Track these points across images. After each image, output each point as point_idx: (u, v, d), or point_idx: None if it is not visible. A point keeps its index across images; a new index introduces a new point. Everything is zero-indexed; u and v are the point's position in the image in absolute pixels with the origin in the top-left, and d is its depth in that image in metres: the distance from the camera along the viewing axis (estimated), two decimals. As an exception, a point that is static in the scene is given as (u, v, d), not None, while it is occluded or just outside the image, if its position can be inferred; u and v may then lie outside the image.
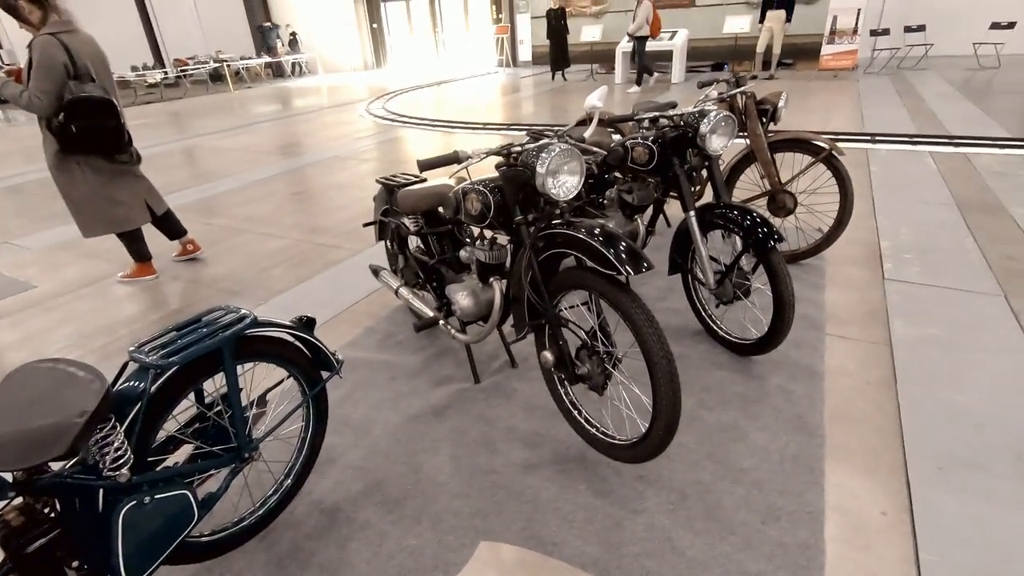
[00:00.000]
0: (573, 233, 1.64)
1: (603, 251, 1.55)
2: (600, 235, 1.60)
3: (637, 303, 1.56)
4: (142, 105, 14.42)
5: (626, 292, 1.58)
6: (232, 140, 8.43)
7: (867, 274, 3.10)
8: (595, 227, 1.64)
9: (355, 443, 2.07)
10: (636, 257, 1.54)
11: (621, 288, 1.59)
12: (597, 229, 1.63)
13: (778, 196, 3.15)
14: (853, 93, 8.75)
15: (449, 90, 12.73)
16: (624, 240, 1.59)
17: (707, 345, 2.55)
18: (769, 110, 3.07)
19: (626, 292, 1.58)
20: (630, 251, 1.56)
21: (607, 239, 1.58)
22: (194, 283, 3.56)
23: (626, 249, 1.56)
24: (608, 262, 1.54)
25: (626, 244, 1.57)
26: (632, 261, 1.53)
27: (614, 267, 1.53)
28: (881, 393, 2.18)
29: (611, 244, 1.56)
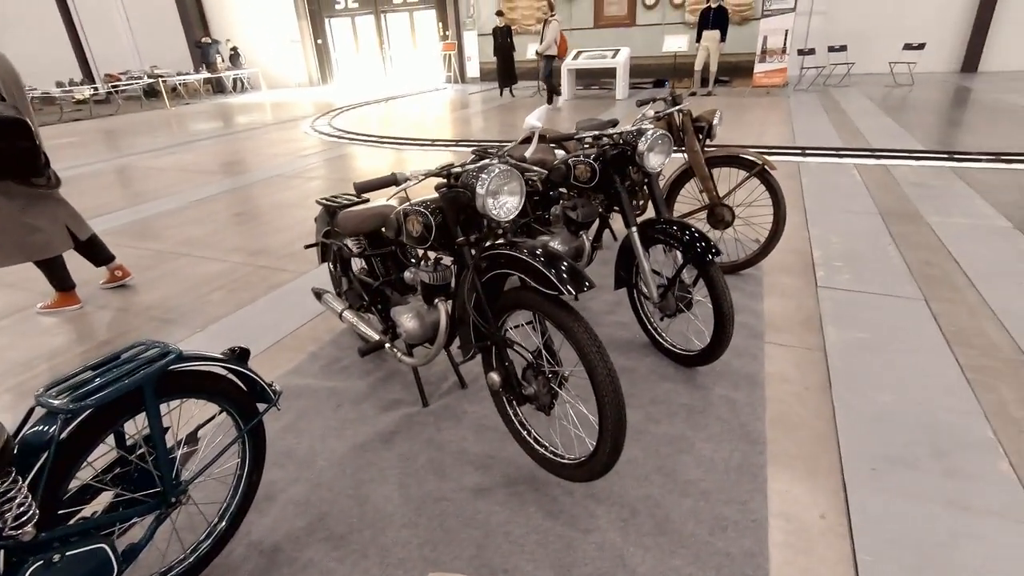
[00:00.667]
0: (515, 254, 1.64)
1: (544, 272, 1.55)
2: (542, 256, 1.60)
3: (579, 322, 1.57)
4: (69, 123, 13.66)
5: (568, 311, 1.58)
6: (168, 159, 8.08)
7: (802, 283, 3.24)
8: (537, 247, 1.64)
9: (298, 476, 1.98)
10: (578, 277, 1.55)
11: (564, 307, 1.59)
12: (539, 249, 1.63)
13: (716, 210, 3.26)
14: (785, 109, 9.23)
15: (397, 106, 12.65)
16: (566, 260, 1.60)
17: (654, 358, 2.59)
18: (705, 127, 3.18)
19: (568, 311, 1.58)
20: (572, 271, 1.57)
21: (549, 259, 1.58)
22: (124, 312, 3.36)
23: (568, 269, 1.57)
24: (550, 282, 1.54)
25: (568, 264, 1.58)
26: (574, 281, 1.54)
27: (555, 287, 1.53)
28: (817, 397, 2.26)
29: (553, 264, 1.57)
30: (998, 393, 2.24)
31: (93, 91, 18.00)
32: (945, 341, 2.60)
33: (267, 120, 11.68)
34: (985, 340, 2.59)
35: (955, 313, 2.82)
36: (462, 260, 1.81)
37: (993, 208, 4.20)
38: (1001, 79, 10.98)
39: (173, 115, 13.85)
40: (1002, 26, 11.74)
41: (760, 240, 3.76)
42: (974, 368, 2.40)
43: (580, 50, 12.27)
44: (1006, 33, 11.78)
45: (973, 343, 2.57)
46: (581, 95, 12.76)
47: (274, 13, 19.30)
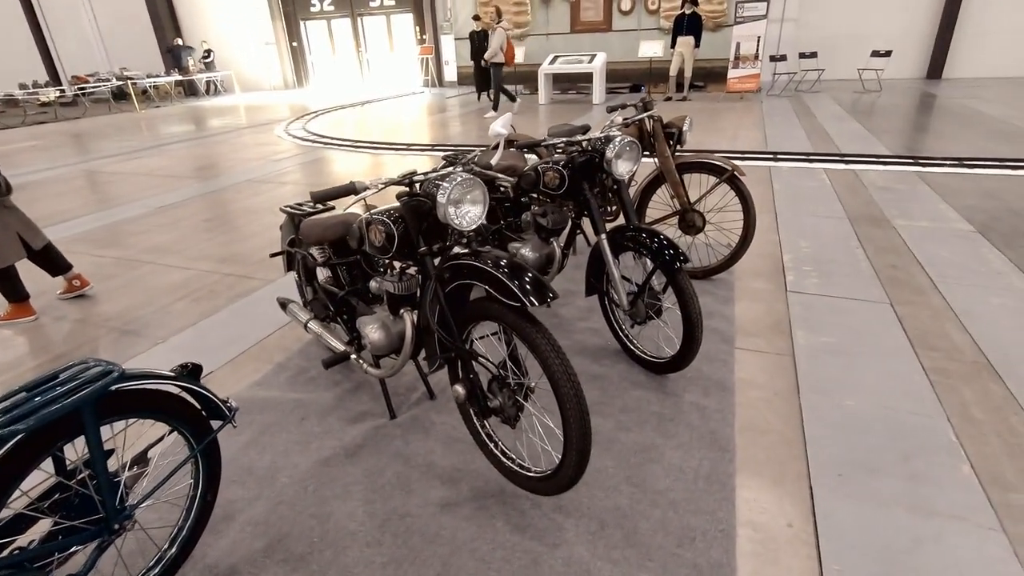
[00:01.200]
0: (478, 264, 1.60)
1: (507, 283, 1.52)
2: (505, 266, 1.57)
3: (543, 334, 1.54)
4: (33, 126, 13.26)
5: (532, 323, 1.56)
6: (135, 163, 7.88)
7: (772, 287, 3.27)
8: (501, 258, 1.61)
9: (258, 494, 1.92)
10: (541, 288, 1.53)
11: (527, 319, 1.57)
12: (503, 260, 1.60)
13: (687, 215, 3.27)
14: (757, 114, 9.37)
15: (373, 110, 12.54)
16: (530, 271, 1.57)
17: (625, 365, 2.58)
18: (675, 133, 3.19)
19: (532, 323, 1.56)
20: (535, 282, 1.54)
21: (512, 270, 1.56)
22: (82, 323, 3.24)
23: (531, 280, 1.54)
24: (512, 293, 1.51)
25: (532, 275, 1.56)
26: (537, 292, 1.51)
27: (518, 299, 1.50)
28: (786, 403, 2.27)
29: (516, 275, 1.54)
30: (960, 395, 2.28)
31: (60, 93, 17.49)
32: (910, 344, 2.63)
33: (240, 123, 11.48)
34: (948, 342, 2.63)
35: (919, 316, 2.87)
36: (426, 270, 1.77)
37: (956, 212, 4.30)
38: (964, 85, 11.31)
39: (142, 118, 13.53)
40: (964, 35, 12.11)
41: (732, 245, 3.78)
42: (937, 371, 2.43)
43: (557, 55, 12.32)
44: (968, 41, 12.15)
45: (936, 345, 2.61)
46: (558, 99, 12.80)
47: (248, 15, 19.01)
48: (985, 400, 2.23)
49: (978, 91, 10.46)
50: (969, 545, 1.63)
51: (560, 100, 12.68)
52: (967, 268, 3.36)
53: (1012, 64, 12.06)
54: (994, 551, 1.61)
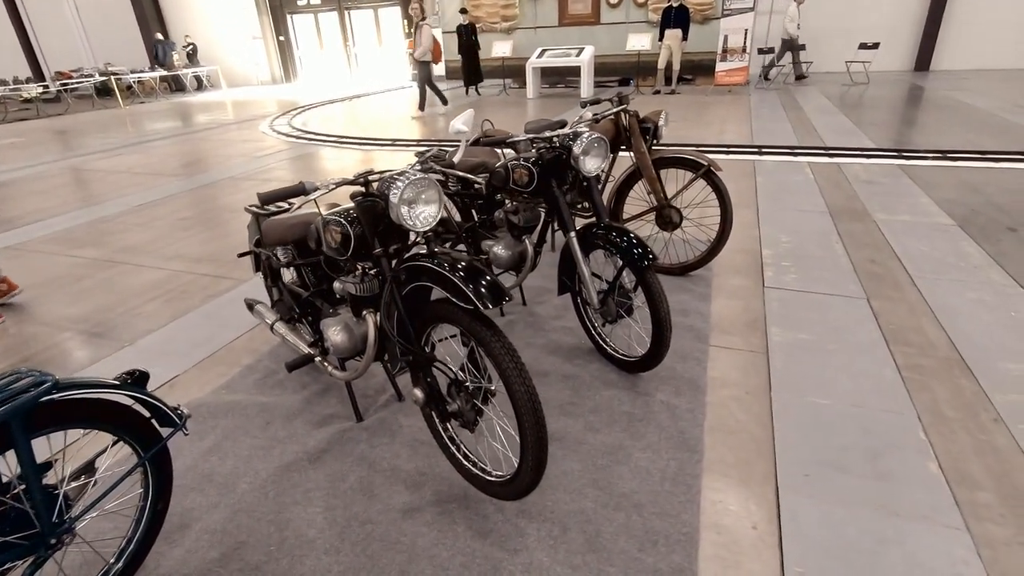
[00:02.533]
0: (433, 266, 1.57)
1: (461, 286, 1.49)
2: (460, 268, 1.54)
3: (499, 338, 1.51)
4: (14, 123, 13.06)
5: (488, 326, 1.52)
6: (115, 160, 7.77)
7: (750, 283, 3.25)
8: (457, 260, 1.58)
9: (217, 502, 1.88)
10: (495, 290, 1.49)
11: (483, 322, 1.53)
12: (459, 262, 1.56)
13: (664, 211, 3.24)
14: (745, 107, 9.34)
15: (360, 105, 12.44)
16: (485, 273, 1.53)
17: (599, 364, 2.55)
18: (651, 128, 3.16)
19: (488, 326, 1.52)
20: (492, 285, 1.51)
21: (467, 272, 1.52)
22: (48, 326, 3.18)
23: (488, 283, 1.50)
24: (466, 296, 1.48)
25: (489, 278, 1.52)
26: (492, 295, 1.48)
27: (470, 301, 1.47)
28: (757, 402, 2.25)
29: (471, 278, 1.50)
30: (932, 392, 2.26)
31: (43, 88, 17.24)
32: (884, 340, 2.62)
33: (225, 119, 11.35)
34: (922, 338, 2.62)
35: (895, 311, 2.86)
36: (383, 272, 1.73)
37: (937, 206, 4.29)
38: (951, 78, 11.33)
39: (126, 114, 13.36)
40: (951, 27, 12.12)
41: (710, 240, 3.75)
42: (910, 367, 2.42)
43: (545, 48, 12.24)
44: (955, 34, 12.17)
45: (911, 341, 2.60)
46: (547, 93, 12.73)
47: (234, 9, 18.79)
48: (956, 397, 2.22)
49: (965, 83, 10.47)
50: (933, 545, 1.61)
51: (549, 94, 12.61)
52: (945, 263, 3.35)
53: (999, 56, 12.09)
54: (958, 552, 1.59)
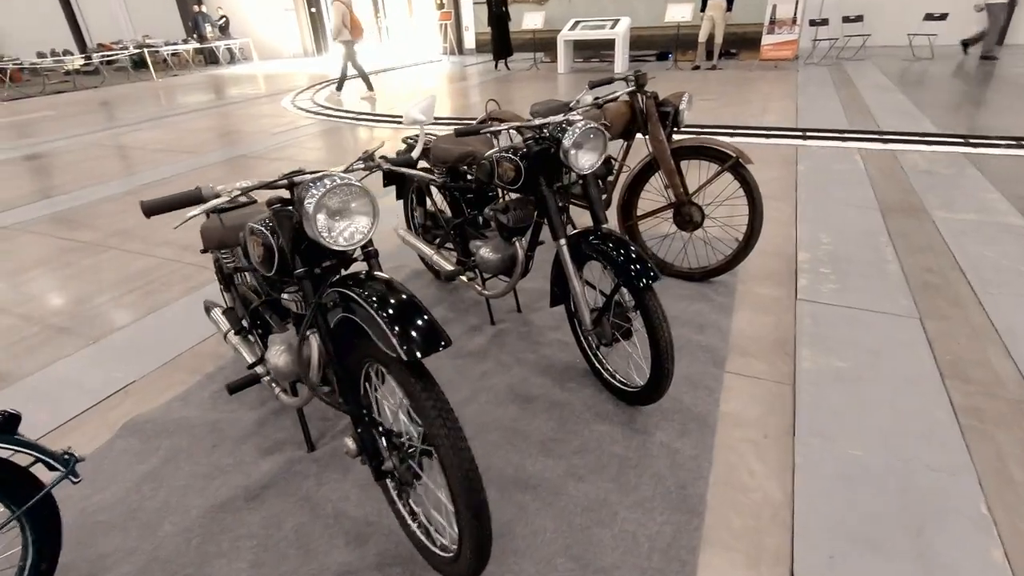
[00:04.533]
0: (358, 299, 1.25)
1: (385, 328, 1.17)
2: (392, 305, 1.22)
3: (429, 393, 1.20)
4: (52, 95, 13.26)
5: (419, 377, 1.21)
6: (135, 136, 7.69)
7: (780, 293, 2.83)
8: (390, 292, 1.26)
9: (136, 547, 1.65)
10: (430, 337, 1.18)
11: (413, 371, 1.22)
12: (392, 297, 1.24)
13: (684, 208, 2.84)
14: (791, 84, 8.62)
15: (386, 79, 12.11)
16: (421, 314, 1.22)
17: (592, 390, 2.22)
18: (671, 112, 2.74)
19: (419, 377, 1.21)
20: (426, 328, 1.19)
21: (398, 312, 1.20)
22: (23, 319, 3.02)
23: (421, 326, 1.19)
24: (389, 341, 1.17)
25: (423, 320, 1.20)
26: (424, 342, 1.16)
27: (393, 347, 1.16)
28: (777, 448, 1.88)
29: (401, 319, 1.19)
30: (996, 445, 1.85)
31: (85, 60, 17.52)
32: (938, 372, 2.20)
33: (250, 93, 11.21)
34: (986, 372, 2.19)
35: (953, 335, 2.41)
36: (307, 296, 1.43)
37: (1008, 203, 3.73)
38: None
39: (158, 87, 13.39)
40: (1033, -6, 10.90)
41: (737, 242, 3.33)
42: (970, 410, 2.00)
43: (578, 20, 11.60)
44: (1036, 1, 10.94)
45: (971, 376, 2.17)
46: (579, 68, 12.13)
47: (266, -20, 18.59)
48: (1029, 455, 1.81)
49: (1044, 58, 9.42)
50: (993, 671, 1.25)
51: (581, 69, 12.01)
52: (1016, 274, 2.85)
53: (1086, 27, 10.84)
54: None
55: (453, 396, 2.23)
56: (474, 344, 2.55)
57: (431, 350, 1.16)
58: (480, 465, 1.87)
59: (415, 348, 1.14)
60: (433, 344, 1.17)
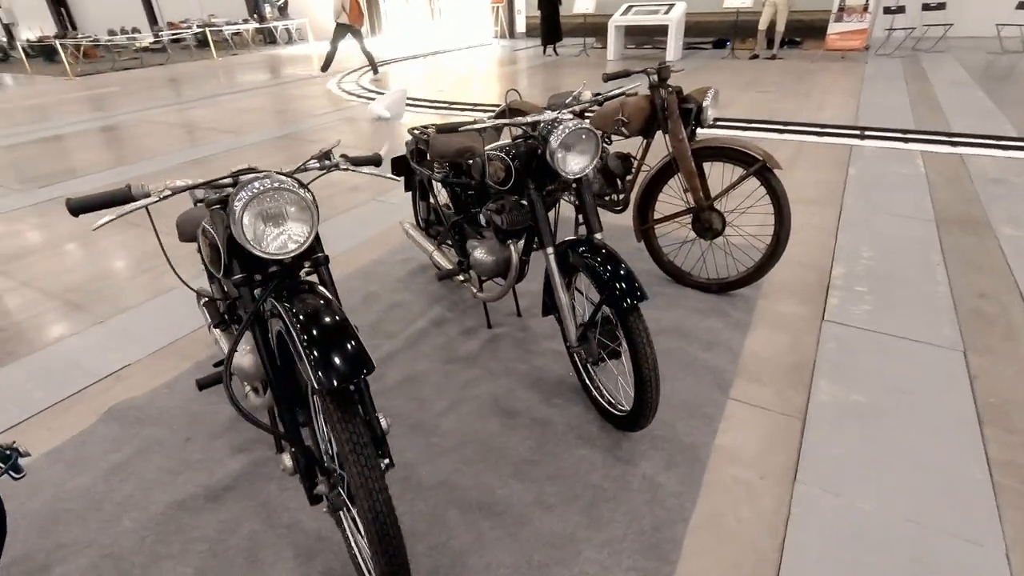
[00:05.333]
0: (283, 315, 1.16)
1: (302, 351, 1.08)
2: (316, 325, 1.12)
3: (347, 423, 1.09)
4: (120, 71, 13.90)
5: (340, 406, 1.11)
6: (183, 114, 7.93)
7: (805, 311, 2.58)
8: (319, 312, 1.16)
9: (92, 539, 1.64)
10: (353, 361, 1.07)
11: (334, 399, 1.12)
12: (320, 318, 1.14)
13: (704, 215, 2.62)
14: (856, 77, 8.01)
15: (434, 63, 12.05)
16: (347, 336, 1.11)
17: (580, 408, 2.07)
18: (694, 109, 2.52)
19: (340, 406, 1.11)
20: (349, 353, 1.09)
21: (322, 332, 1.10)
22: (43, 293, 3.12)
23: (344, 353, 1.09)
24: (304, 365, 1.07)
25: (348, 347, 1.10)
26: (346, 367, 1.06)
27: (307, 373, 1.06)
28: (773, 493, 1.70)
29: (322, 341, 1.09)
30: (1036, 512, 1.60)
31: (155, 37, 18.33)
32: (976, 417, 1.93)
33: (300, 74, 11.38)
34: (1035, 422, 1.91)
35: (1001, 374, 2.13)
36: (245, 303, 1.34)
37: (1090, 221, 3.29)
38: None
39: (217, 66, 13.81)
40: None
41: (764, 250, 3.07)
42: (1008, 465, 1.75)
43: (631, 4, 11.16)
44: None
45: (1016, 424, 1.90)
46: (630, 55, 11.70)
47: (324, -39, 18.81)
48: (1073, 527, 1.55)
49: None
50: None
51: (633, 56, 11.58)
52: (1089, 306, 2.50)
53: None
54: None
55: (434, 404, 2.13)
56: (466, 348, 2.45)
57: (349, 379, 1.05)
58: (448, 482, 1.77)
59: (332, 376, 1.05)
60: (352, 373, 1.06)
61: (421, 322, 2.65)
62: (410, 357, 2.41)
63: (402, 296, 2.89)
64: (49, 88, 11.64)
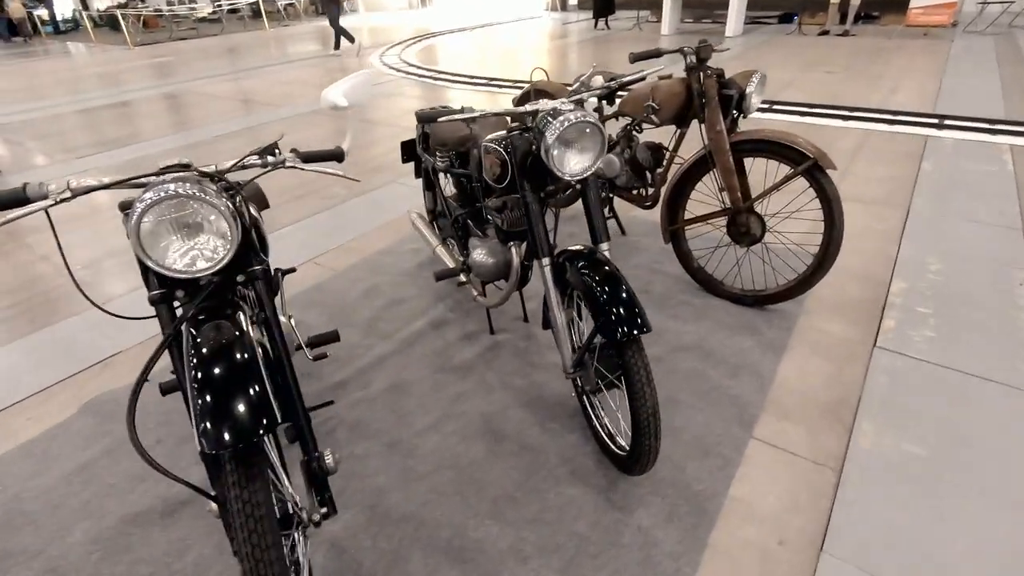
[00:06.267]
0: (185, 355, 0.98)
1: (191, 404, 0.89)
2: (215, 370, 0.93)
3: (243, 490, 0.90)
4: (176, 41, 14.22)
5: (242, 468, 0.92)
6: (226, 86, 7.95)
7: (855, 335, 2.24)
8: (224, 351, 0.97)
9: (41, 550, 1.55)
10: (249, 420, 0.89)
11: (238, 460, 0.93)
12: (227, 359, 0.95)
13: (740, 217, 2.30)
14: (940, 57, 7.21)
15: (482, 36, 11.72)
16: (248, 386, 0.93)
17: (578, 437, 1.84)
18: (735, 96, 2.19)
19: (242, 468, 0.92)
20: (248, 409, 0.90)
21: (218, 381, 0.92)
22: (54, 270, 3.11)
23: (246, 406, 0.90)
24: (194, 421, 0.89)
25: (251, 396, 0.92)
26: (242, 425, 0.88)
27: (195, 434, 0.87)
28: (793, 564, 1.43)
29: (217, 390, 0.90)
30: None
31: (215, 8, 18.69)
32: (1060, 485, 1.59)
33: (345, 47, 11.28)
34: None
35: (1095, 431, 1.75)
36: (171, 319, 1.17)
37: None
38: None
39: (267, 37, 13.91)
40: None
41: (810, 260, 2.71)
42: (1098, 555, 1.41)
43: (691, -26, 10.44)
44: None
45: (1112, 499, 1.55)
46: (687, 29, 11.01)
47: (377, -70, 18.57)
48: None
49: None
50: None
51: (689, 31, 10.90)
52: None
53: None
54: None
55: (417, 420, 1.94)
56: (462, 356, 2.24)
57: (239, 441, 0.87)
58: (416, 517, 1.59)
59: (219, 435, 0.86)
60: (245, 432, 0.87)
61: (420, 322, 2.46)
62: (401, 362, 2.23)
63: (405, 292, 2.70)
64: (109, 57, 12.00)
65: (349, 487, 1.70)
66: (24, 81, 9.53)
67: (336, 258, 3.06)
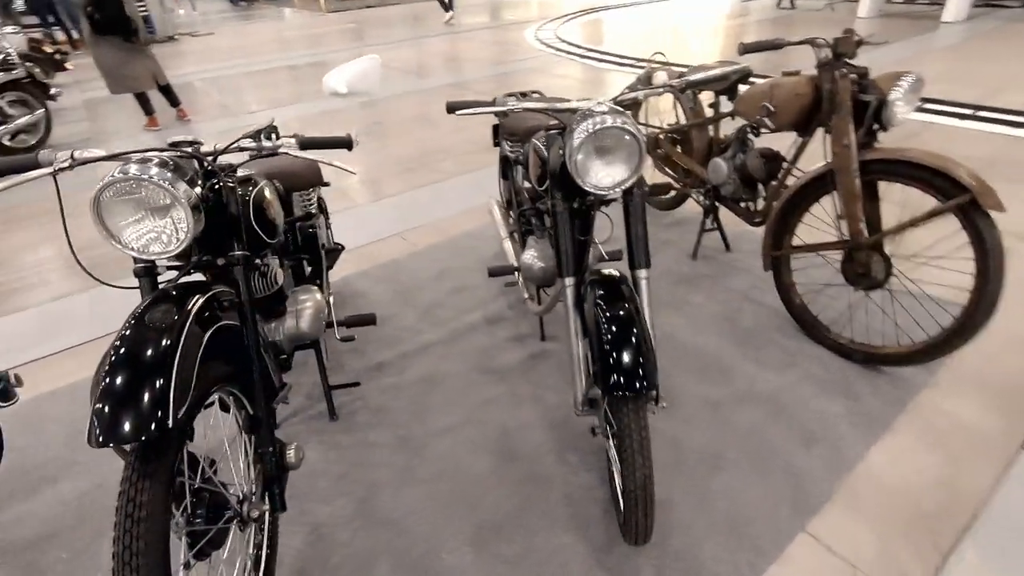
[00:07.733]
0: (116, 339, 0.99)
1: (91, 394, 0.89)
2: (125, 359, 0.91)
3: (133, 485, 0.89)
4: (360, 9, 15.39)
5: (140, 463, 0.91)
6: (387, 54, 8.44)
7: (996, 426, 1.72)
8: (143, 339, 0.94)
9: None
10: (142, 418, 0.86)
11: (140, 454, 0.92)
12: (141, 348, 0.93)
13: (859, 254, 1.86)
14: None
15: (653, 12, 11.09)
16: (152, 380, 0.90)
17: (593, 478, 1.64)
18: (874, 104, 1.74)
19: (140, 463, 0.91)
20: (147, 404, 0.88)
21: (123, 373, 0.90)
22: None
23: (143, 401, 0.88)
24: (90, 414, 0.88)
25: (152, 390, 0.89)
26: (131, 422, 0.86)
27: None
28: None
29: (120, 381, 0.89)
30: None
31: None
32: None
33: (507, 19, 11.38)
34: None
35: None
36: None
37: None
38: None
39: (427, 8, 14.50)
40: None
41: (955, 318, 2.11)
42: None
43: (909, -56, 8.78)
44: None
45: None
46: (891, 11, 9.37)
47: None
48: None
49: None
50: None
51: (893, 13, 9.26)
52: None
53: None
54: None
55: (437, 419, 1.88)
56: (503, 359, 2.13)
57: (126, 439, 0.85)
58: (398, 525, 1.53)
59: (105, 430, 0.85)
60: (132, 431, 0.85)
61: (475, 315, 2.39)
62: (443, 353, 2.17)
63: (473, 280, 2.64)
64: (303, 22, 13.40)
65: (351, 473, 1.70)
66: (241, 40, 11.02)
67: (422, 235, 3.09)
